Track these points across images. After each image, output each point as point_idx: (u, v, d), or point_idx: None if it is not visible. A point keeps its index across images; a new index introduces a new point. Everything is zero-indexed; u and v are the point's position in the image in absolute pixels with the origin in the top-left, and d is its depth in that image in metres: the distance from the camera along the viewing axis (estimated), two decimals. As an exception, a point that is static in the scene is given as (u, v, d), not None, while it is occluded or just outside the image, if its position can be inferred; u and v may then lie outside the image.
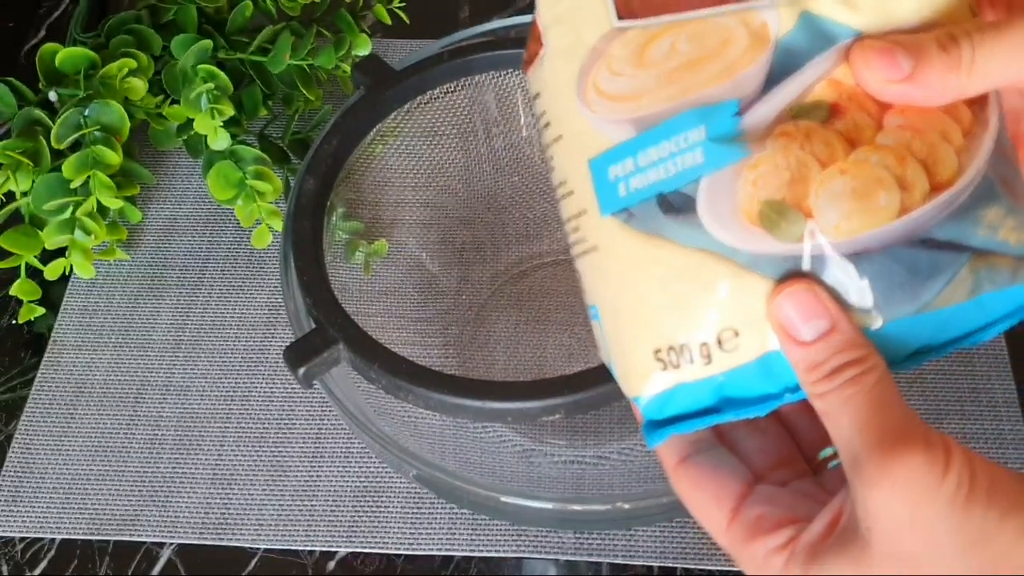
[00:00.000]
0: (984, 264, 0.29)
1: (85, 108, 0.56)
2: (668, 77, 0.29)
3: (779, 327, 0.28)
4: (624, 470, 0.52)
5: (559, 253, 0.60)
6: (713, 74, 0.29)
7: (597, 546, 0.51)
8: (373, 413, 0.45)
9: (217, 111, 0.56)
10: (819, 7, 0.29)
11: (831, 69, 0.29)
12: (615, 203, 0.29)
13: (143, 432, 0.57)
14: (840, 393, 0.28)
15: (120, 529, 0.53)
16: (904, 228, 0.28)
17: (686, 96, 0.29)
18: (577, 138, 0.30)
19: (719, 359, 0.29)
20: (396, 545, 0.52)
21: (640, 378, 0.30)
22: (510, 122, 0.56)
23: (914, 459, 0.26)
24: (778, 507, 0.30)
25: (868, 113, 0.29)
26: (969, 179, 0.29)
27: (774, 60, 0.29)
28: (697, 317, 0.29)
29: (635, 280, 0.30)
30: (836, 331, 0.28)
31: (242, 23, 0.62)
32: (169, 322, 0.60)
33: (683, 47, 0.29)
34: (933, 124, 0.29)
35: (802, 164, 0.28)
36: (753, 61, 0.29)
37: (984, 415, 0.54)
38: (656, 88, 0.29)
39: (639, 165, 0.29)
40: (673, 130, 0.29)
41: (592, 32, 0.30)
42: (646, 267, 0.29)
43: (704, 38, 0.29)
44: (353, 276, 0.53)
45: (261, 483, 0.54)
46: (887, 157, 0.28)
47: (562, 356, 0.57)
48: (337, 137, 0.49)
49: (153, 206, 0.65)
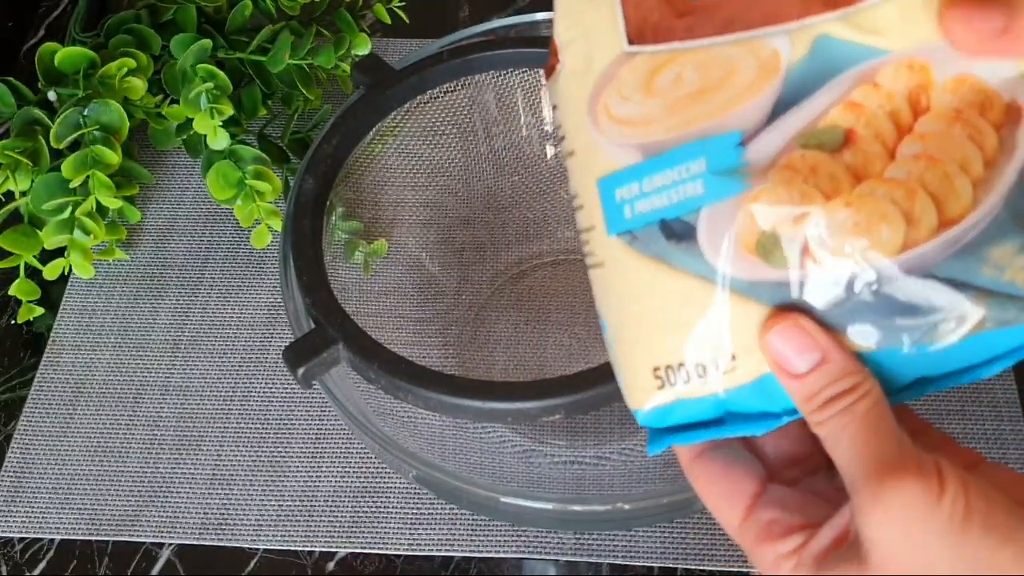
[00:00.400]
0: (985, 303, 0.28)
1: (84, 108, 0.56)
2: (674, 106, 0.29)
3: (772, 361, 0.29)
4: (624, 471, 0.52)
5: (559, 253, 0.60)
6: (717, 105, 0.29)
7: (597, 546, 0.51)
8: (373, 413, 0.45)
9: (216, 111, 0.56)
10: (839, 30, 0.28)
11: (850, 90, 0.29)
12: (621, 224, 0.30)
13: (142, 432, 0.56)
14: (835, 422, 0.28)
15: (119, 529, 0.53)
16: (904, 264, 0.28)
17: (690, 127, 0.29)
18: (588, 156, 0.31)
19: (715, 379, 0.30)
20: (396, 545, 0.52)
21: (640, 392, 0.31)
22: (510, 122, 0.56)
23: (907, 486, 0.27)
24: (789, 511, 0.31)
25: (883, 141, 0.29)
26: (980, 216, 0.28)
27: (783, 89, 0.29)
28: (694, 339, 0.29)
29: (637, 300, 0.30)
30: (827, 362, 0.29)
31: (241, 22, 0.62)
32: (168, 322, 0.60)
33: (689, 76, 0.29)
34: (953, 152, 0.28)
35: (805, 196, 0.28)
36: (759, 91, 0.29)
37: (985, 415, 0.54)
38: (663, 116, 0.29)
39: (644, 190, 0.30)
40: (676, 160, 0.29)
41: (604, 55, 0.30)
42: (647, 288, 0.30)
43: (710, 68, 0.29)
44: (353, 276, 0.52)
45: (260, 483, 0.54)
46: (896, 191, 0.28)
47: (562, 356, 0.56)
48: (336, 137, 0.48)
49: (152, 206, 0.65)
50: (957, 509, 0.27)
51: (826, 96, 0.29)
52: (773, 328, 0.29)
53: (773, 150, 0.29)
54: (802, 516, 0.31)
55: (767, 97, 0.29)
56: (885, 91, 0.29)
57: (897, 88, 0.29)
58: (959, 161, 0.28)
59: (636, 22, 0.30)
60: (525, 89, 0.54)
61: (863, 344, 0.29)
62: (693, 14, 0.29)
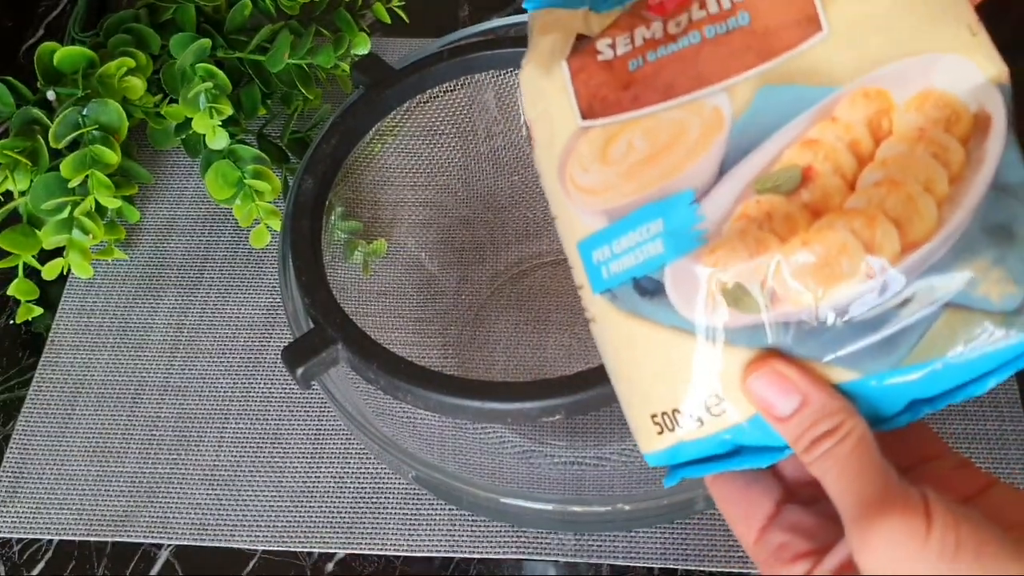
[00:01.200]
0: (960, 319, 0.28)
1: (83, 107, 0.56)
2: (628, 172, 0.31)
3: (757, 407, 0.30)
4: (624, 471, 0.52)
5: (559, 253, 0.59)
6: (669, 167, 0.30)
7: (597, 547, 0.51)
8: (372, 414, 0.45)
9: (215, 110, 0.55)
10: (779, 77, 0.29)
11: (805, 130, 0.29)
12: (601, 284, 0.31)
13: (141, 432, 0.56)
14: (820, 465, 0.29)
15: (118, 530, 0.53)
16: (869, 290, 0.28)
17: (645, 191, 0.30)
18: (567, 221, 0.32)
19: (710, 422, 0.30)
20: (395, 546, 0.52)
21: (644, 437, 0.32)
22: (510, 121, 0.56)
23: (892, 523, 0.27)
24: (799, 536, 0.31)
25: (842, 174, 0.29)
26: (947, 234, 0.28)
27: (730, 142, 0.29)
28: (683, 387, 0.30)
29: (625, 353, 0.32)
30: (807, 404, 0.29)
31: (241, 22, 0.62)
32: (167, 322, 0.60)
33: (639, 143, 0.30)
34: (915, 173, 0.29)
35: (760, 244, 0.29)
36: (707, 148, 0.30)
37: (986, 415, 0.54)
38: (620, 183, 0.31)
39: (614, 252, 0.31)
40: (637, 222, 0.30)
41: (564, 130, 0.32)
42: (632, 342, 0.31)
43: (658, 133, 0.30)
44: (352, 276, 0.52)
45: (259, 484, 0.54)
46: (854, 220, 0.28)
47: (562, 356, 0.56)
48: (336, 136, 0.48)
49: (151, 206, 0.65)
50: (948, 543, 0.27)
51: (780, 140, 0.29)
52: (752, 374, 0.29)
53: (727, 202, 0.29)
54: (812, 542, 0.31)
55: (715, 153, 0.30)
56: (843, 123, 0.29)
57: (855, 118, 0.29)
58: (923, 182, 0.28)
59: (587, 98, 0.31)
60: (525, 89, 0.54)
61: (847, 375, 0.29)
62: (635, 84, 0.30)
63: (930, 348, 0.29)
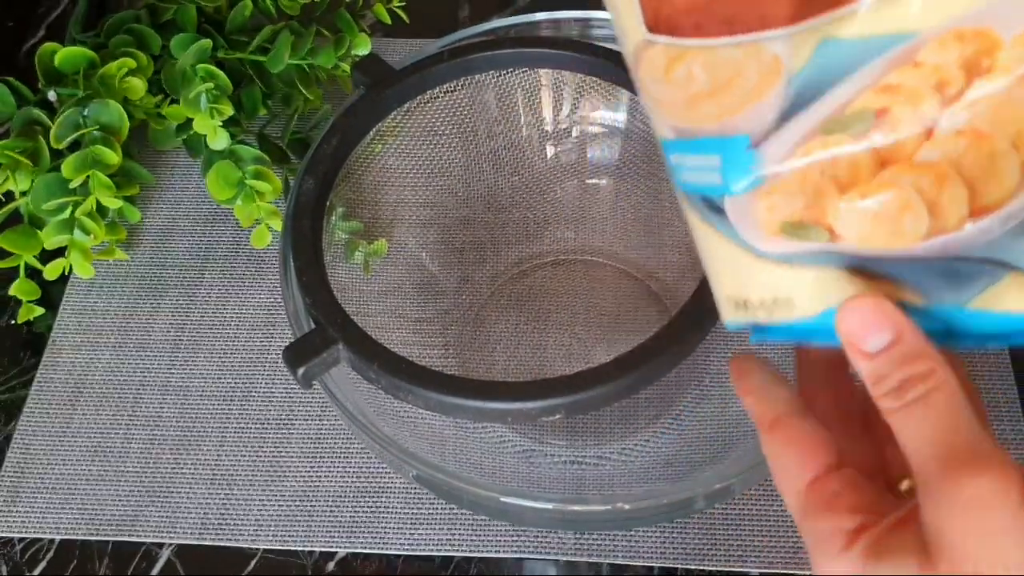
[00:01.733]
0: None
1: (84, 108, 0.56)
2: (688, 101, 0.30)
3: (844, 340, 0.28)
4: (624, 471, 0.52)
5: (559, 253, 0.60)
6: (725, 107, 0.29)
7: (597, 546, 0.51)
8: (373, 413, 0.45)
9: (216, 111, 0.56)
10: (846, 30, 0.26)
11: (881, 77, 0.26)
12: (679, 183, 0.31)
13: (142, 432, 0.56)
14: (909, 413, 0.27)
15: (119, 529, 0.53)
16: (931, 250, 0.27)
17: (703, 124, 0.29)
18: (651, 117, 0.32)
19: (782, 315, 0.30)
20: (395, 546, 0.52)
21: (724, 309, 0.32)
22: (510, 122, 0.56)
23: (986, 482, 0.25)
24: (860, 493, 0.30)
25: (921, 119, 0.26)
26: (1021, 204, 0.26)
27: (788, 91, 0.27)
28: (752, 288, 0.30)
29: (703, 242, 0.32)
30: (900, 343, 0.27)
31: (241, 22, 0.62)
32: (168, 322, 0.60)
33: (699, 74, 0.29)
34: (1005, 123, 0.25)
35: (818, 192, 0.28)
36: (761, 96, 0.28)
37: (986, 415, 0.54)
38: (682, 108, 0.30)
39: (684, 164, 0.31)
40: (698, 148, 0.30)
41: (634, 37, 0.31)
42: (706, 242, 0.31)
43: (717, 68, 0.29)
44: (353, 276, 0.52)
45: (260, 483, 0.54)
46: (922, 178, 0.26)
47: (562, 356, 0.56)
48: (337, 137, 0.48)
49: (152, 206, 0.65)
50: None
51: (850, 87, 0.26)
52: (849, 304, 0.28)
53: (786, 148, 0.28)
54: (872, 503, 0.29)
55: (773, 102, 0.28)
56: (930, 66, 0.25)
57: (946, 60, 0.25)
58: (1012, 135, 0.25)
59: (651, 11, 0.29)
60: (525, 89, 0.54)
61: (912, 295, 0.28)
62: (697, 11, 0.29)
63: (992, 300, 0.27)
